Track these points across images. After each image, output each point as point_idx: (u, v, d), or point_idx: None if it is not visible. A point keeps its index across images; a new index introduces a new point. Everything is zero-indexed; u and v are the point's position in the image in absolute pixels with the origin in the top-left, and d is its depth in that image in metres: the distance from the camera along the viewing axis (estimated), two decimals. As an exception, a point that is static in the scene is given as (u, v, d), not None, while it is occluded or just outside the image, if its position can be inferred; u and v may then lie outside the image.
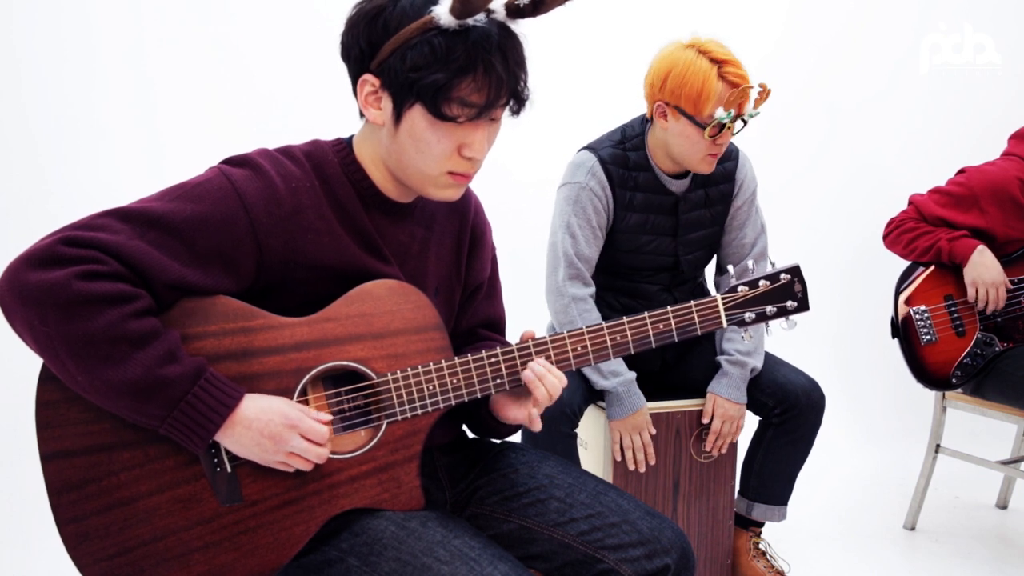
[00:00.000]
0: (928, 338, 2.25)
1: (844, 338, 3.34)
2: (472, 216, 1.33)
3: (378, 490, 1.13)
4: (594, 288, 1.96)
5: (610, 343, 1.20)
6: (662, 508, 2.00)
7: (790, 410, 1.97)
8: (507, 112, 1.12)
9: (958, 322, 2.25)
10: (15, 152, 2.62)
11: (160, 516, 1.06)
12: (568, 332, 1.19)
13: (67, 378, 0.99)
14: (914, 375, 2.29)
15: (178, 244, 1.03)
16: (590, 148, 1.96)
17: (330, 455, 1.10)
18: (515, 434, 1.40)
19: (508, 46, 1.06)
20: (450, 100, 1.05)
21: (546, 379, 1.15)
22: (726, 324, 1.24)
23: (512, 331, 1.37)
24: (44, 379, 1.04)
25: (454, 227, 1.30)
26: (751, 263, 1.28)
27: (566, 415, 1.83)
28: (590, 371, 1.89)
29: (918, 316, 2.27)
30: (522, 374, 1.16)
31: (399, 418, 1.14)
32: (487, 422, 1.28)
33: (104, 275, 0.97)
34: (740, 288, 1.24)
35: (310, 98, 2.78)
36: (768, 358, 2.03)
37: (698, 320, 1.23)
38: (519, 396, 1.21)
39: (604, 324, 1.20)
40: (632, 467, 1.93)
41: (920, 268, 2.31)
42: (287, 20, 2.83)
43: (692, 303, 1.22)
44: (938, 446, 2.42)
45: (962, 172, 2.35)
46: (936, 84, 3.31)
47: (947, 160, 2.59)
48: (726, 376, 1.95)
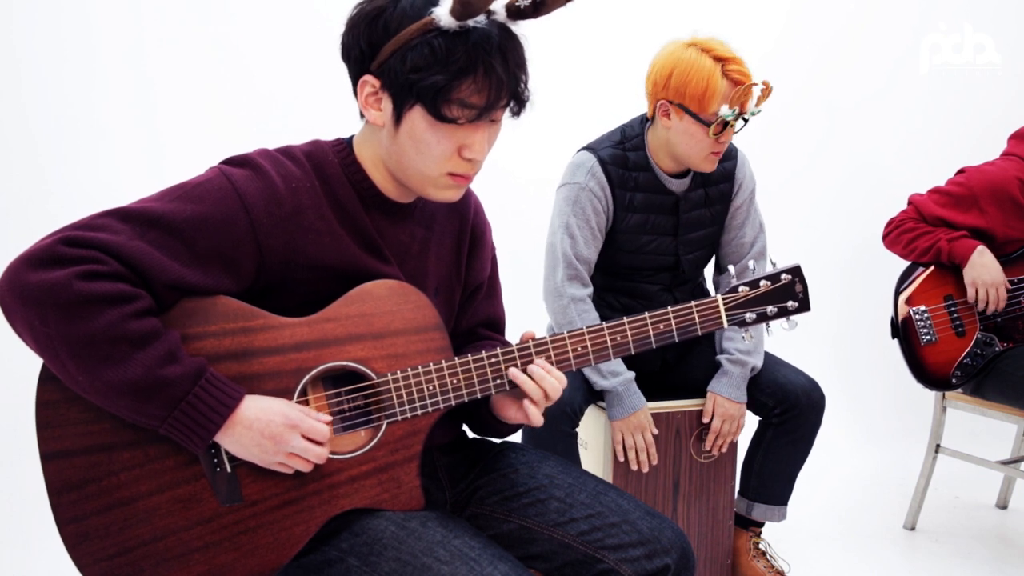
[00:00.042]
0: (928, 338, 2.25)
1: (844, 338, 3.34)
2: (472, 216, 1.33)
3: (378, 490, 1.13)
4: (592, 289, 1.96)
5: (610, 343, 1.20)
6: (662, 508, 2.00)
7: (790, 410, 1.97)
8: (507, 113, 1.12)
9: (958, 322, 2.25)
10: (15, 152, 2.62)
11: (160, 516, 1.06)
12: (568, 332, 1.19)
13: (67, 378, 0.99)
14: (914, 375, 2.29)
15: (178, 244, 1.03)
16: (589, 148, 1.96)
17: (330, 455, 1.11)
18: (515, 434, 1.40)
19: (508, 47, 1.06)
20: (450, 101, 1.05)
21: (545, 380, 1.15)
22: (727, 324, 1.23)
23: (512, 331, 1.37)
24: (44, 379, 1.04)
25: (454, 227, 1.30)
26: (752, 263, 1.28)
27: (567, 415, 1.83)
28: (590, 371, 1.89)
29: (918, 316, 2.27)
30: (508, 372, 1.16)
31: (399, 418, 1.14)
32: (488, 421, 1.28)
33: (104, 275, 0.97)
34: (741, 288, 1.24)
35: (310, 98, 2.78)
36: (768, 358, 2.03)
37: (699, 320, 1.22)
38: (520, 396, 1.21)
39: (604, 324, 1.20)
40: (635, 467, 1.93)
41: (920, 268, 2.31)
42: (287, 20, 2.83)
43: (693, 303, 1.22)
44: (938, 446, 2.42)
45: (962, 172, 2.35)
46: (936, 84, 3.31)
47: (947, 160, 2.59)
48: (726, 375, 1.95)
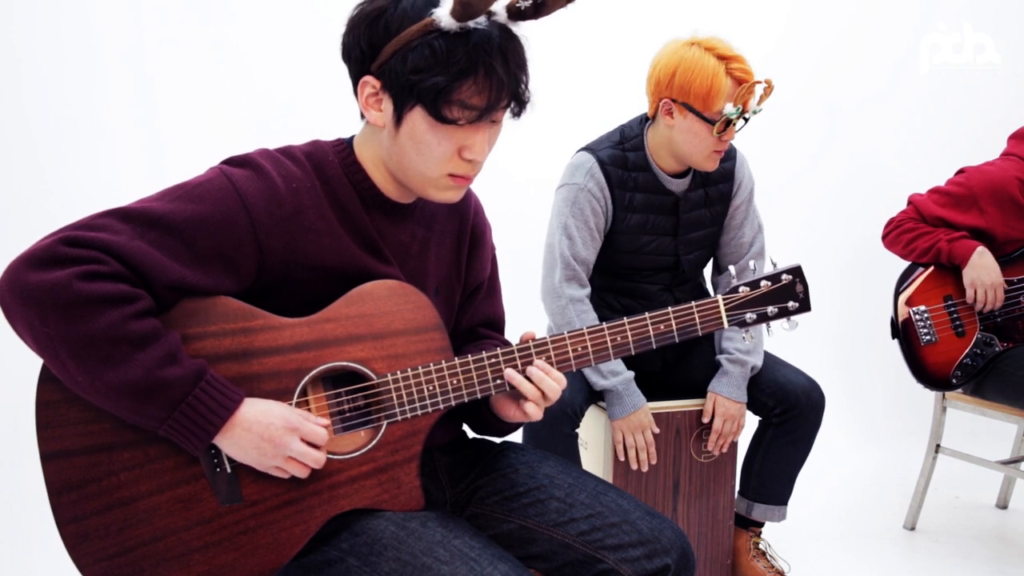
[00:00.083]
0: (928, 338, 2.25)
1: (844, 338, 3.34)
2: (472, 216, 1.33)
3: (378, 491, 1.13)
4: (590, 289, 1.96)
5: (611, 344, 1.20)
6: (662, 508, 2.00)
7: (790, 410, 1.97)
8: (508, 114, 1.12)
9: (958, 322, 2.25)
10: (15, 152, 2.62)
11: (160, 516, 1.06)
12: (569, 333, 1.18)
13: (67, 379, 0.99)
14: (914, 375, 2.29)
15: (179, 244, 1.02)
16: (588, 149, 1.96)
17: (330, 456, 1.11)
18: (516, 433, 1.40)
19: (509, 48, 1.06)
20: (451, 103, 1.05)
21: (544, 382, 1.15)
22: (727, 325, 1.23)
23: (512, 331, 1.37)
24: (44, 379, 1.04)
25: (454, 227, 1.30)
26: (752, 263, 1.28)
27: (567, 416, 1.83)
28: (589, 372, 1.89)
29: (918, 316, 2.27)
30: (505, 374, 1.16)
31: (399, 419, 1.14)
32: (488, 420, 1.28)
33: (105, 276, 0.97)
34: (741, 288, 1.24)
35: (310, 98, 2.78)
36: (768, 358, 2.03)
37: (699, 321, 1.22)
38: (518, 396, 1.21)
39: (605, 324, 1.19)
40: (634, 467, 1.93)
41: (920, 268, 2.31)
42: (287, 20, 2.83)
43: (693, 304, 1.22)
44: (938, 446, 2.42)
45: (961, 172, 2.35)
46: (936, 84, 3.31)
47: (947, 160, 2.59)
48: (727, 375, 1.95)
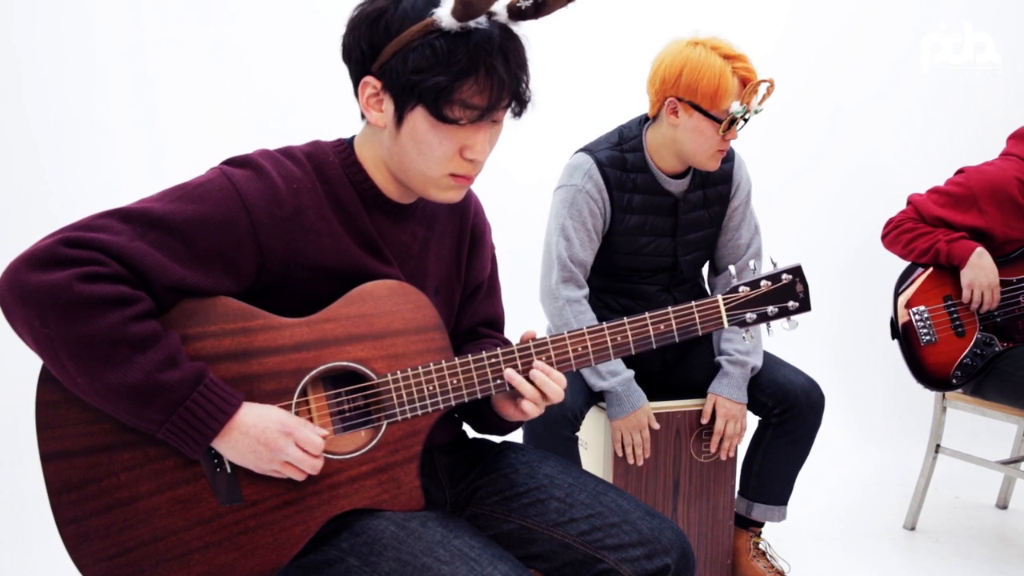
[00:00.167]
0: (928, 339, 2.25)
1: (844, 338, 3.34)
2: (472, 216, 1.33)
3: (378, 491, 1.13)
4: (588, 290, 1.95)
5: (611, 344, 1.20)
6: (662, 508, 2.00)
7: (790, 410, 1.97)
8: (509, 114, 1.12)
9: (958, 322, 2.25)
10: (15, 152, 2.62)
11: (160, 516, 1.06)
12: (569, 333, 1.18)
13: (66, 380, 0.99)
14: (914, 376, 2.29)
15: (179, 245, 1.02)
16: (587, 150, 1.95)
17: (330, 456, 1.11)
18: (516, 433, 1.40)
19: (510, 48, 1.06)
20: (452, 102, 1.05)
21: (547, 385, 1.15)
22: (727, 324, 1.23)
23: (512, 331, 1.37)
24: (44, 379, 1.04)
25: (454, 227, 1.30)
26: (752, 263, 1.29)
27: (568, 418, 1.83)
28: (588, 373, 1.89)
29: (918, 317, 2.27)
30: (504, 374, 1.16)
31: (399, 419, 1.14)
32: (489, 419, 1.28)
33: (105, 277, 0.97)
34: (741, 288, 1.24)
35: (310, 98, 2.78)
36: (768, 358, 2.03)
37: (699, 320, 1.22)
38: (518, 396, 1.21)
39: (605, 324, 1.19)
40: (632, 462, 1.93)
41: (919, 269, 2.31)
42: (287, 20, 2.83)
43: (693, 303, 1.22)
44: (938, 446, 2.42)
45: (961, 172, 2.35)
46: (936, 84, 3.31)
47: (947, 160, 2.59)
48: (727, 376, 1.95)
